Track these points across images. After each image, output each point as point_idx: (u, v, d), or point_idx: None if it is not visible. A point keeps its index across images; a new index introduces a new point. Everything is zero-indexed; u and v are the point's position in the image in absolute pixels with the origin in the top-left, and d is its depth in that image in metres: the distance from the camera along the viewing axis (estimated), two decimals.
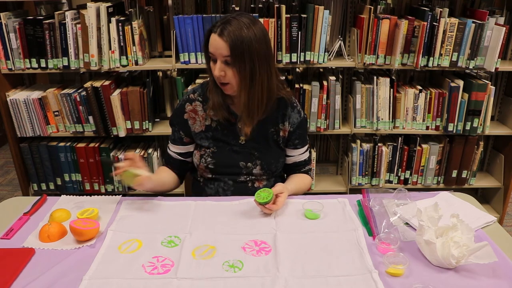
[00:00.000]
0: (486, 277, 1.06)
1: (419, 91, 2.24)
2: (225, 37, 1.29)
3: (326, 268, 1.10)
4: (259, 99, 1.39)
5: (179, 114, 1.52)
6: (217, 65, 1.33)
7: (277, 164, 1.54)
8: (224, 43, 1.29)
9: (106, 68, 2.16)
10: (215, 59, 1.34)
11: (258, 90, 1.37)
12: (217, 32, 1.30)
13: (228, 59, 1.31)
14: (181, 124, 1.52)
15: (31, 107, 2.20)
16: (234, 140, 1.50)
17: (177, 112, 1.53)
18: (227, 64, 1.33)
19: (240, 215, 1.34)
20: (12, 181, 3.28)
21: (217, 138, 1.50)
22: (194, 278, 1.06)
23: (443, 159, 2.39)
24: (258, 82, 1.36)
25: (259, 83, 1.36)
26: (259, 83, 1.36)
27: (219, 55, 1.32)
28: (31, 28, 2.08)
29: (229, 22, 1.30)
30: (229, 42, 1.29)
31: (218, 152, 1.49)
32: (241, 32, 1.29)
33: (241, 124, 1.47)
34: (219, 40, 1.30)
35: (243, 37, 1.29)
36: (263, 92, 1.38)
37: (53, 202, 1.43)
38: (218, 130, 1.49)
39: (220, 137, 1.49)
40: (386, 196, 1.39)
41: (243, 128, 1.47)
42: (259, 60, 1.33)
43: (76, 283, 1.04)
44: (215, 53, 1.33)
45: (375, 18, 2.11)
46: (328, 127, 2.32)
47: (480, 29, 2.08)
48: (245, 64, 1.31)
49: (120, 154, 2.35)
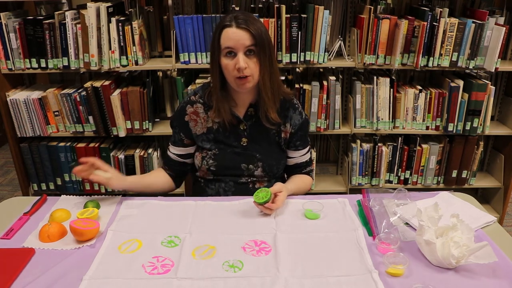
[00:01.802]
0: (486, 277, 1.06)
1: (419, 91, 2.24)
2: (247, 26, 1.31)
3: (326, 268, 1.10)
4: (278, 82, 1.44)
5: (180, 116, 1.52)
6: (239, 57, 1.32)
7: (278, 166, 1.54)
8: (246, 32, 1.31)
9: (106, 68, 2.16)
10: (234, 52, 1.33)
11: (277, 73, 1.42)
12: (233, 25, 1.31)
13: (251, 48, 1.33)
14: (181, 126, 1.52)
15: (31, 107, 2.20)
16: (236, 142, 1.49)
17: (178, 114, 1.53)
18: (248, 54, 1.34)
19: (240, 215, 1.34)
20: (12, 181, 3.28)
21: (218, 140, 1.49)
22: (194, 278, 1.06)
23: (443, 159, 2.39)
24: (275, 67, 1.42)
25: (276, 68, 1.42)
26: (276, 68, 1.42)
27: (240, 46, 1.32)
28: (31, 28, 2.08)
29: (241, 15, 1.33)
30: (252, 30, 1.31)
31: (220, 154, 1.49)
32: (258, 23, 1.34)
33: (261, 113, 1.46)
34: (238, 32, 1.31)
35: (261, 28, 1.34)
36: (279, 76, 1.45)
37: (53, 202, 1.43)
38: (219, 132, 1.49)
39: (222, 139, 1.49)
40: (386, 196, 1.39)
41: (270, 114, 1.45)
42: (272, 49, 1.40)
43: (76, 283, 1.04)
44: (235, 46, 1.32)
45: (375, 18, 2.11)
46: (328, 127, 2.32)
47: (480, 29, 2.08)
48: (265, 50, 1.35)
49: (120, 154, 2.35)
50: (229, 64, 1.34)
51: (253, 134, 1.49)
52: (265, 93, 1.40)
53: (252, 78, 1.36)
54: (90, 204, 1.36)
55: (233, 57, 1.33)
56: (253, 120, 1.49)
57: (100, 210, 1.36)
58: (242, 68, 1.32)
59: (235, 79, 1.36)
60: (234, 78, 1.35)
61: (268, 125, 1.47)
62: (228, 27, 1.32)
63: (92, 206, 1.34)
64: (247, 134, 1.49)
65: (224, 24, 1.33)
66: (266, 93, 1.40)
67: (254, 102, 1.48)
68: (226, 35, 1.32)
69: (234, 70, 1.33)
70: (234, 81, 1.37)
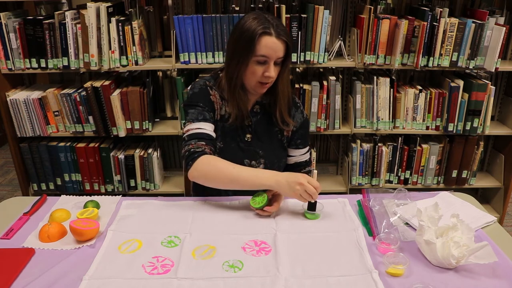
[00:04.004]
0: (486, 277, 1.06)
1: (419, 91, 2.24)
2: (285, 38, 1.32)
3: (326, 268, 1.09)
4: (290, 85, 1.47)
5: (205, 95, 1.44)
6: (271, 67, 1.33)
7: (279, 163, 1.55)
8: (283, 44, 1.32)
9: (106, 68, 2.16)
10: (265, 61, 1.34)
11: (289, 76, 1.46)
12: (273, 34, 1.30)
13: (280, 59, 1.35)
14: (208, 103, 1.43)
15: (31, 107, 2.20)
16: (241, 136, 1.50)
17: (201, 94, 1.44)
18: (276, 64, 1.35)
19: (240, 215, 1.34)
20: (12, 181, 3.28)
21: (226, 131, 1.48)
22: (194, 278, 1.06)
23: (443, 159, 2.39)
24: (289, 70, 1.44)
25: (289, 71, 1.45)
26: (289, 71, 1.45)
27: (275, 57, 1.33)
28: (31, 28, 2.08)
29: (277, 22, 1.33)
30: (289, 42, 1.33)
31: (224, 148, 1.49)
32: (286, 30, 1.35)
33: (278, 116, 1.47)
34: (277, 42, 1.31)
35: (290, 36, 1.36)
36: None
37: (53, 202, 1.42)
38: (228, 123, 1.48)
39: (229, 132, 1.48)
40: (386, 196, 1.39)
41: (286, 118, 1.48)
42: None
43: (76, 283, 1.04)
44: (271, 56, 1.32)
45: (375, 18, 2.11)
46: (328, 127, 2.32)
47: (480, 29, 2.08)
48: (290, 60, 1.39)
49: (120, 154, 2.35)
50: (258, 70, 1.35)
51: (257, 131, 1.51)
52: (283, 98, 1.44)
53: (270, 83, 1.40)
54: (90, 204, 1.36)
55: (264, 64, 1.34)
56: (258, 116, 1.50)
57: (100, 210, 1.36)
58: (271, 77, 1.35)
59: (257, 83, 1.38)
60: (256, 82, 1.38)
61: (283, 127, 1.50)
62: (269, 35, 1.30)
63: (92, 206, 1.34)
64: (252, 130, 1.50)
65: (265, 31, 1.30)
66: (284, 98, 1.44)
67: (261, 99, 1.50)
68: (266, 43, 1.30)
69: (261, 77, 1.36)
70: (255, 84, 1.39)
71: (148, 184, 2.42)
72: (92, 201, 1.38)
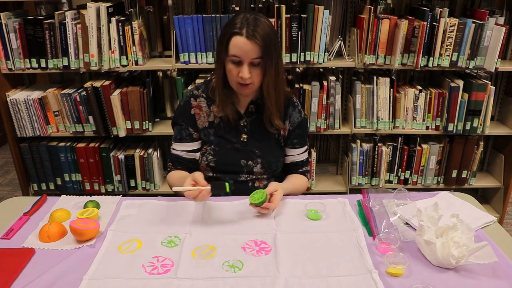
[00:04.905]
0: (486, 277, 1.06)
1: (419, 91, 2.24)
2: (257, 39, 1.28)
3: (326, 268, 1.10)
4: (283, 89, 1.44)
5: (185, 110, 1.51)
6: (244, 68, 1.32)
7: (277, 163, 1.55)
8: (255, 45, 1.29)
9: (106, 68, 2.16)
10: (239, 61, 1.33)
11: (282, 80, 1.42)
12: (244, 34, 1.29)
13: (257, 60, 1.32)
14: (188, 119, 1.51)
15: (31, 107, 2.20)
16: (236, 137, 1.50)
17: (183, 109, 1.52)
18: (253, 65, 1.33)
19: (240, 215, 1.34)
20: (12, 181, 3.28)
21: (219, 135, 1.50)
22: (194, 278, 1.06)
23: (443, 159, 2.39)
24: (281, 74, 1.41)
25: (282, 74, 1.41)
26: (281, 75, 1.41)
27: (247, 57, 1.31)
28: (31, 28, 2.08)
29: (253, 23, 1.30)
30: (261, 44, 1.29)
31: (220, 150, 1.50)
32: (267, 31, 1.32)
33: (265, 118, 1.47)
34: (248, 43, 1.29)
35: (270, 36, 1.32)
36: (283, 82, 1.44)
37: (53, 202, 1.43)
38: (220, 127, 1.50)
39: (223, 134, 1.50)
40: (386, 196, 1.39)
41: (274, 121, 1.47)
42: (279, 54, 1.38)
43: (76, 283, 1.04)
44: (242, 56, 1.31)
45: (375, 18, 2.11)
46: (328, 127, 2.32)
47: (480, 29, 2.08)
48: (271, 60, 1.34)
49: (120, 154, 2.35)
50: (233, 70, 1.35)
51: (253, 131, 1.51)
52: (269, 101, 1.42)
53: (253, 85, 1.38)
54: (90, 204, 1.36)
55: (238, 65, 1.34)
56: (253, 116, 1.50)
57: (100, 210, 1.36)
58: (245, 78, 1.33)
59: (236, 83, 1.38)
60: (236, 83, 1.38)
61: (272, 130, 1.49)
62: (238, 35, 1.29)
63: (92, 206, 1.34)
64: (247, 130, 1.50)
65: (234, 31, 1.30)
66: (270, 101, 1.42)
67: (256, 99, 1.49)
68: (235, 43, 1.30)
69: (237, 77, 1.35)
70: (235, 85, 1.39)
71: (148, 184, 2.42)
72: (92, 201, 1.38)
